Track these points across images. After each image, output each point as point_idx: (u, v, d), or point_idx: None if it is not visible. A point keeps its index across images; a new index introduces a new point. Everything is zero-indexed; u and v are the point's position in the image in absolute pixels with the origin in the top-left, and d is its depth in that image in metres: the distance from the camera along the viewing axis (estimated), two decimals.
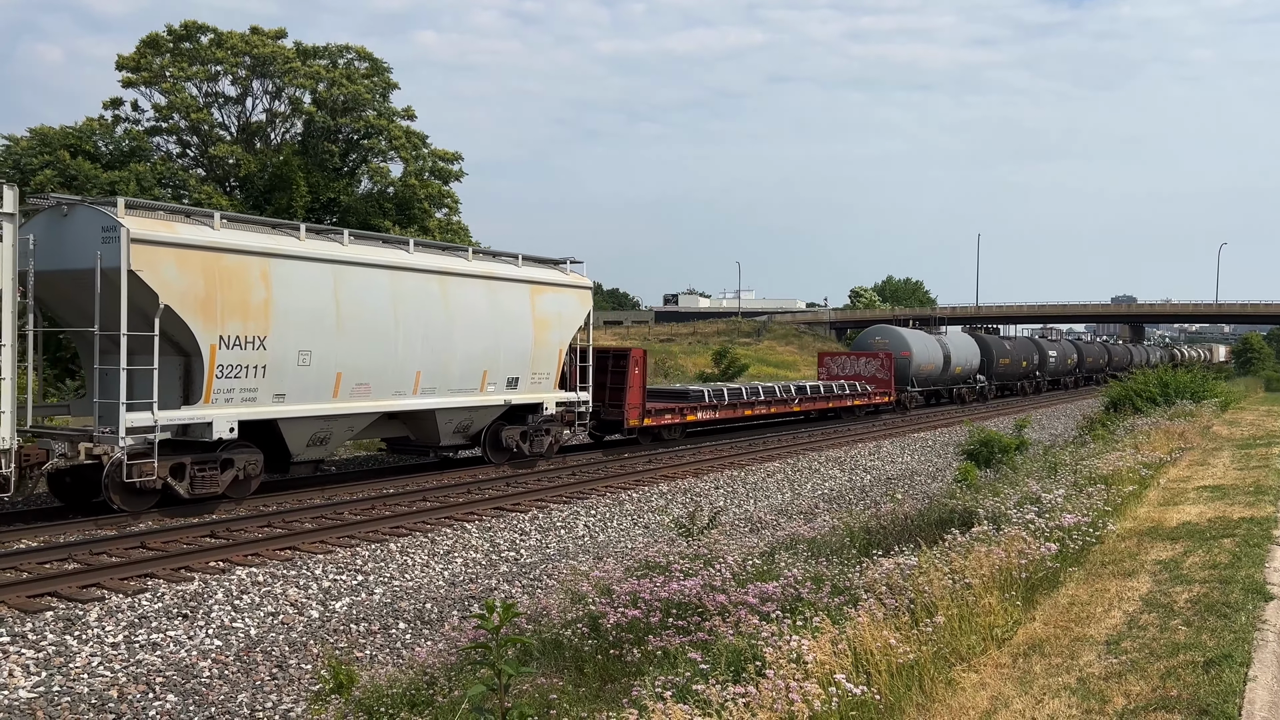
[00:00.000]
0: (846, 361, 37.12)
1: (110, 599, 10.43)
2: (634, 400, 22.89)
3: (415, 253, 17.60)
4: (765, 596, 6.80)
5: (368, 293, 16.41)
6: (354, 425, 16.69)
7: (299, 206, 36.72)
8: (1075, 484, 11.87)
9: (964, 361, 44.55)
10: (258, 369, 14.74)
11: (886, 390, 35.34)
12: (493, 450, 19.70)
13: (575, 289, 21.28)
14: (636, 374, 22.81)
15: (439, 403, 17.99)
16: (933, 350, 41.27)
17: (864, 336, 41.69)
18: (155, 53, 37.72)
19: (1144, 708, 5.42)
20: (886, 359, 35.99)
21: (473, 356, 18.44)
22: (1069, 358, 62.15)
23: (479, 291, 18.74)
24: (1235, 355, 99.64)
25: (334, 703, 7.06)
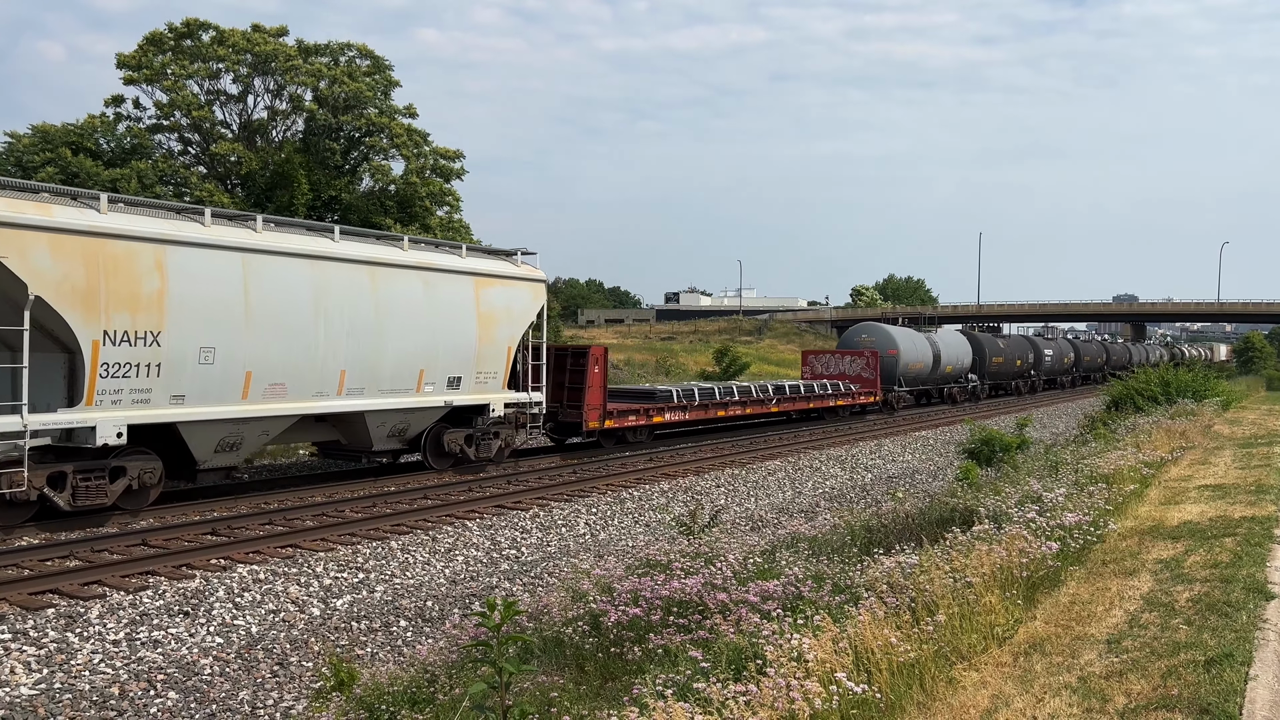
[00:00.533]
0: (831, 360, 36.07)
1: (111, 596, 10.45)
2: (594, 401, 21.77)
3: (341, 241, 16.19)
4: (766, 595, 6.80)
5: (284, 284, 14.99)
6: (269, 429, 15.22)
7: (300, 204, 36.72)
8: (1076, 483, 11.87)
9: (955, 360, 43.48)
10: (151, 367, 13.30)
11: (872, 390, 34.47)
12: (434, 455, 18.54)
13: (527, 282, 19.83)
14: (596, 373, 21.68)
15: (368, 404, 16.54)
16: (921, 348, 40.22)
17: (850, 334, 40.49)
18: (157, 50, 37.72)
19: (1145, 706, 5.42)
20: (872, 357, 35.02)
21: (407, 354, 17.06)
22: (1065, 357, 61.01)
23: (414, 284, 17.31)
24: (1237, 354, 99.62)
25: (335, 700, 7.06)
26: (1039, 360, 55.22)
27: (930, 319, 51.57)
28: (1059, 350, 60.03)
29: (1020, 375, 52.86)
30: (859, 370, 34.80)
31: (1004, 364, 49.56)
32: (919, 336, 41.05)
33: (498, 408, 19.20)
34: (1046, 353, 56.90)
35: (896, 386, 37.73)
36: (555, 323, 55.21)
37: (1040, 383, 56.41)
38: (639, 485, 18.81)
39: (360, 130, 39.72)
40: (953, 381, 44.15)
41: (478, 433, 19.03)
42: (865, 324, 41.28)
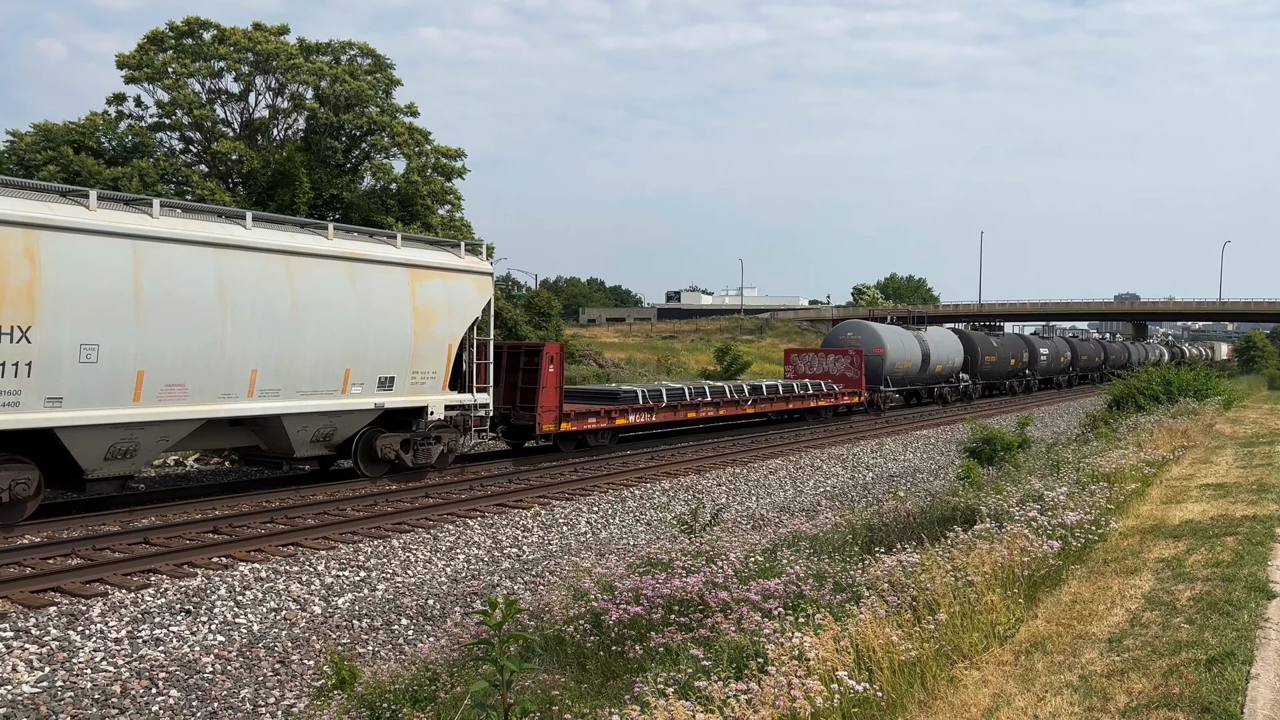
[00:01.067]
0: (814, 359, 34.96)
1: (113, 594, 10.46)
2: (548, 402, 20.40)
3: (254, 229, 14.85)
4: (767, 593, 6.80)
5: (183, 275, 13.62)
6: (168, 434, 13.84)
7: (301, 203, 36.73)
8: (1078, 482, 11.86)
9: (946, 359, 42.29)
10: (19, 367, 11.99)
11: (856, 390, 33.38)
12: (366, 462, 17.10)
13: (472, 274, 18.37)
14: (551, 372, 20.38)
15: (286, 407, 15.13)
16: (910, 347, 38.93)
17: (835, 333, 39.08)
18: (158, 49, 37.72)
19: (1146, 705, 5.42)
20: (856, 356, 33.93)
21: (330, 352, 15.64)
22: (1061, 356, 59.63)
23: (339, 276, 15.88)
24: (1238, 353, 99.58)
25: (336, 699, 7.06)
26: (1034, 359, 54.09)
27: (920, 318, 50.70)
28: (1055, 349, 58.84)
29: (1015, 375, 51.75)
30: (843, 370, 33.78)
31: (997, 363, 48.42)
32: (907, 335, 39.78)
33: (438, 410, 17.75)
34: (1042, 352, 55.68)
35: (883, 386, 36.52)
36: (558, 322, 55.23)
37: (1035, 382, 55.17)
38: (640, 484, 18.81)
39: (361, 129, 39.73)
40: (943, 381, 43.00)
41: (416, 437, 17.58)
42: (851, 322, 40.00)
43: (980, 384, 46.74)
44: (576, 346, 56.85)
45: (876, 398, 36.09)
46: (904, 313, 60.11)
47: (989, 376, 48.06)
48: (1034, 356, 54.01)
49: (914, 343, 39.56)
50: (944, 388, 43.17)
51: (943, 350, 42.15)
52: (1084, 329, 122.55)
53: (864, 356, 34.18)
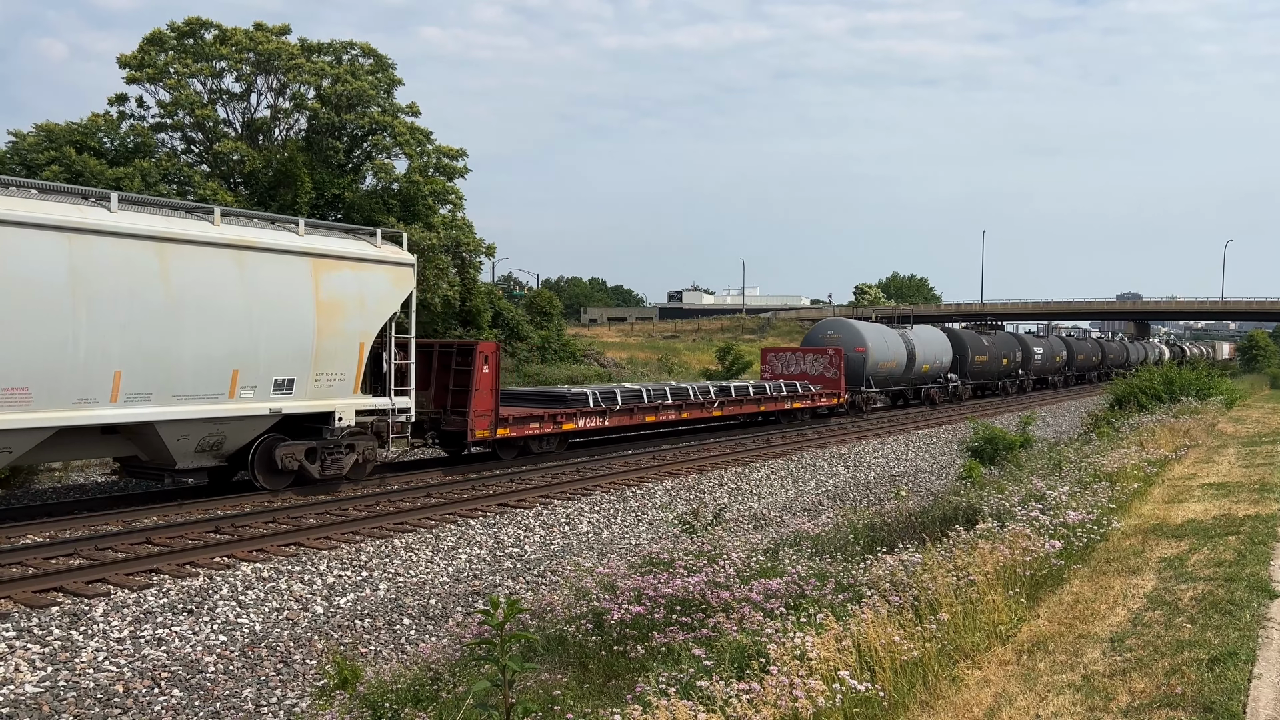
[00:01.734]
0: (792, 359, 33.25)
1: (116, 594, 10.47)
2: (482, 406, 18.65)
3: (121, 212, 13.14)
4: (769, 593, 6.80)
5: (24, 265, 11.98)
6: (11, 445, 12.12)
7: (303, 203, 36.76)
8: (1080, 481, 11.86)
9: (933, 359, 40.47)
10: None
11: (835, 390, 31.78)
12: (265, 473, 15.41)
13: (389, 265, 16.66)
14: (486, 373, 18.72)
15: (160, 413, 13.38)
16: (894, 346, 37.13)
17: (815, 331, 37.09)
18: (159, 49, 37.75)
19: (1148, 705, 5.41)
20: (835, 355, 32.23)
21: (214, 352, 13.98)
22: (1056, 355, 57.83)
23: (225, 265, 14.18)
24: (1241, 352, 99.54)
25: (338, 698, 7.07)
26: (1027, 359, 52.43)
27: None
28: (1050, 348, 57.08)
29: (1007, 375, 50.09)
30: (821, 370, 32.20)
31: (988, 363, 46.75)
32: (891, 333, 37.99)
33: (348, 416, 15.99)
34: (1036, 351, 53.95)
35: (865, 387, 34.88)
36: (559, 322, 55.22)
37: (1030, 382, 53.49)
38: (642, 484, 18.82)
39: (363, 129, 39.77)
40: (930, 382, 41.24)
41: (324, 446, 15.91)
42: (831, 320, 38.18)
43: (970, 384, 45.25)
44: (578, 346, 56.87)
45: (858, 399, 34.60)
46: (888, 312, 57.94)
47: (980, 377, 46.56)
48: (1028, 356, 52.42)
49: (898, 342, 37.94)
50: (931, 388, 41.44)
51: (930, 350, 40.51)
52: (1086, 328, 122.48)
53: (844, 356, 32.59)
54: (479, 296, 43.76)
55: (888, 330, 37.76)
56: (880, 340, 36.18)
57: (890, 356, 36.65)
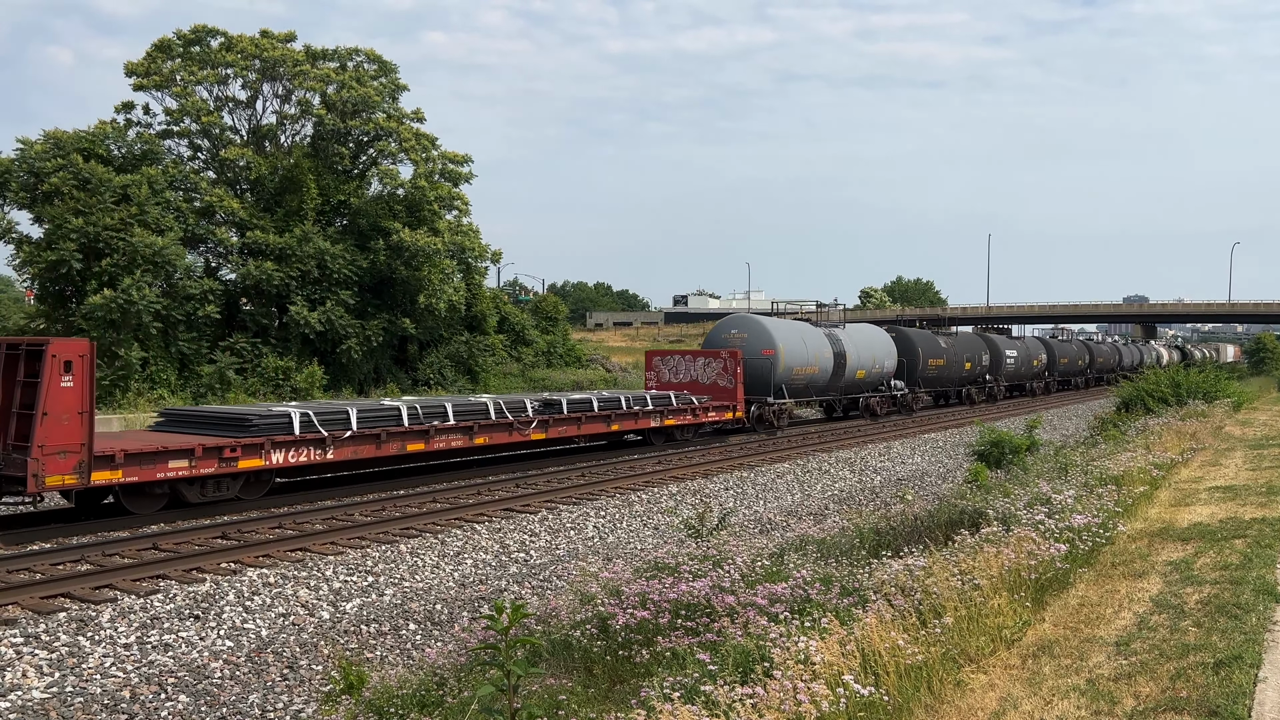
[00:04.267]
0: (681, 363, 27.78)
1: (122, 600, 10.50)
2: (58, 438, 12.61)
3: None
4: (774, 597, 6.81)
5: None
6: None
7: (309, 209, 36.89)
8: (1086, 484, 11.84)
9: (871, 363, 34.62)
10: None
11: (729, 402, 26.29)
12: None
13: None
14: (65, 389, 12.75)
15: None
16: (815, 348, 31.33)
17: (716, 330, 31.19)
18: (166, 57, 37.94)
19: (1153, 709, 5.41)
20: (730, 359, 26.71)
21: None
22: (1034, 358, 51.61)
23: None
24: (1248, 355, 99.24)
25: (344, 703, 7.08)
26: (997, 363, 46.02)
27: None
28: (1025, 351, 50.67)
29: (972, 381, 43.79)
30: (714, 377, 26.81)
31: (946, 368, 40.27)
32: (814, 333, 32.23)
33: None
34: (1008, 354, 47.30)
35: (773, 398, 28.85)
36: (565, 326, 55.13)
37: (1001, 390, 47.12)
38: (648, 488, 18.81)
39: (368, 134, 39.89)
40: (869, 390, 35.29)
41: None
42: (737, 316, 32.28)
43: (924, 393, 39.18)
44: (584, 351, 56.87)
45: (766, 412, 28.85)
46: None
47: (935, 384, 40.33)
48: (997, 359, 46.14)
49: (821, 343, 32.01)
50: (871, 398, 35.32)
51: (866, 352, 34.62)
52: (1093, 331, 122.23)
53: (740, 360, 26.90)
54: (484, 302, 43.84)
55: (808, 330, 32.22)
56: (796, 341, 30.47)
57: (809, 360, 30.88)
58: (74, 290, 31.74)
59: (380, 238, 37.70)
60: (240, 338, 34.35)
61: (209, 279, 34.38)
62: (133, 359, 29.97)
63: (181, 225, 33.84)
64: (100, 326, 29.78)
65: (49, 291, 32.21)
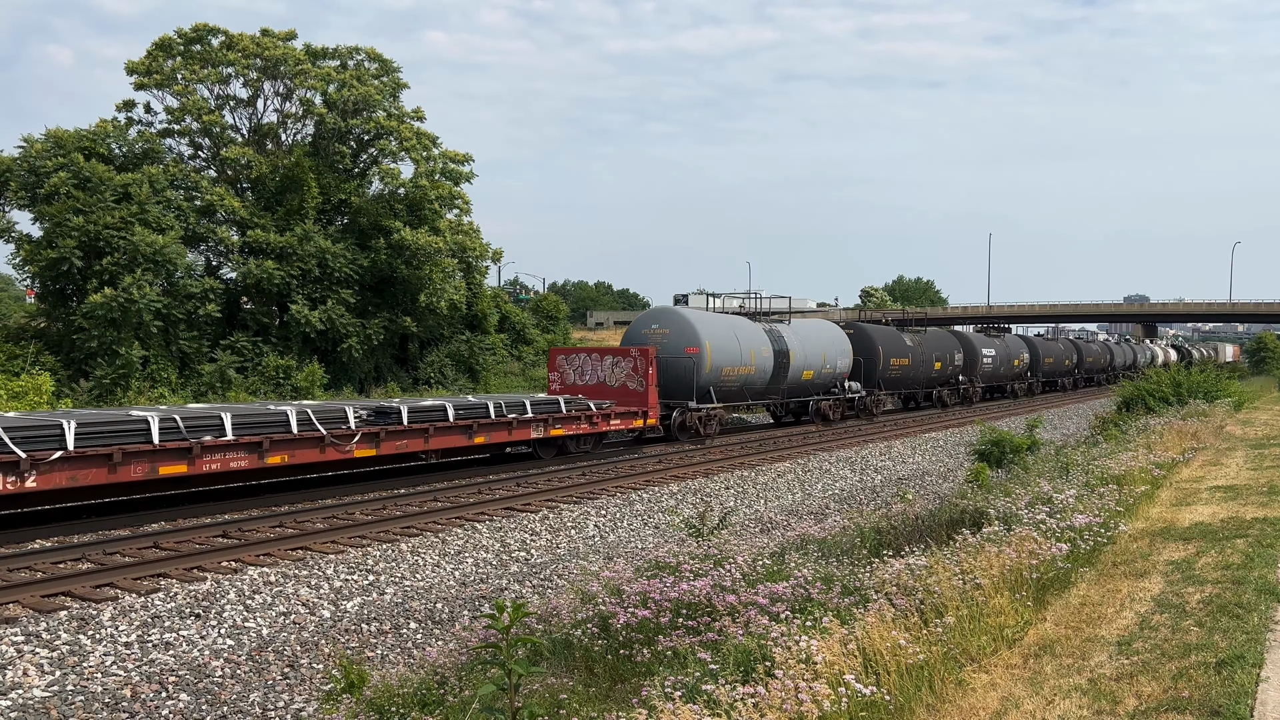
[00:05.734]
0: (587, 364, 24.26)
1: (123, 599, 10.50)
2: None
3: None
4: (775, 597, 6.80)
5: None
6: None
7: (310, 208, 36.89)
8: (1087, 484, 11.83)
9: (820, 363, 31.03)
10: None
11: (639, 407, 22.84)
12: None
13: None
14: None
15: None
16: (751, 346, 27.62)
17: (637, 325, 27.23)
18: (166, 56, 37.93)
19: (1155, 708, 5.40)
20: (641, 359, 23.23)
21: None
22: (1015, 358, 48.31)
23: None
24: (1249, 354, 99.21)
25: (345, 702, 7.08)
26: (972, 363, 42.56)
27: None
28: (1006, 350, 47.05)
29: (944, 383, 40.56)
30: (623, 378, 23.36)
31: (911, 367, 36.50)
32: (749, 329, 28.53)
33: None
34: (985, 353, 43.88)
35: (696, 402, 25.38)
36: (565, 325, 55.17)
37: (977, 391, 43.73)
38: (648, 487, 18.81)
39: (369, 133, 39.89)
40: (820, 393, 31.96)
41: None
42: (659, 309, 28.53)
43: (886, 395, 35.87)
44: None
45: (690, 418, 25.42)
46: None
47: (900, 385, 36.93)
48: (972, 359, 42.59)
49: (759, 340, 28.31)
50: (823, 401, 31.95)
51: (815, 350, 30.93)
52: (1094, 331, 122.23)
53: (653, 359, 23.51)
54: (485, 301, 43.84)
55: (745, 325, 28.78)
56: (727, 337, 26.87)
57: (743, 360, 27.23)
58: (75, 289, 31.75)
59: (381, 237, 37.72)
60: (241, 337, 34.36)
61: (210, 278, 34.38)
62: (133, 358, 29.98)
63: (182, 224, 33.85)
64: (101, 325, 29.79)
65: (49, 290, 32.21)
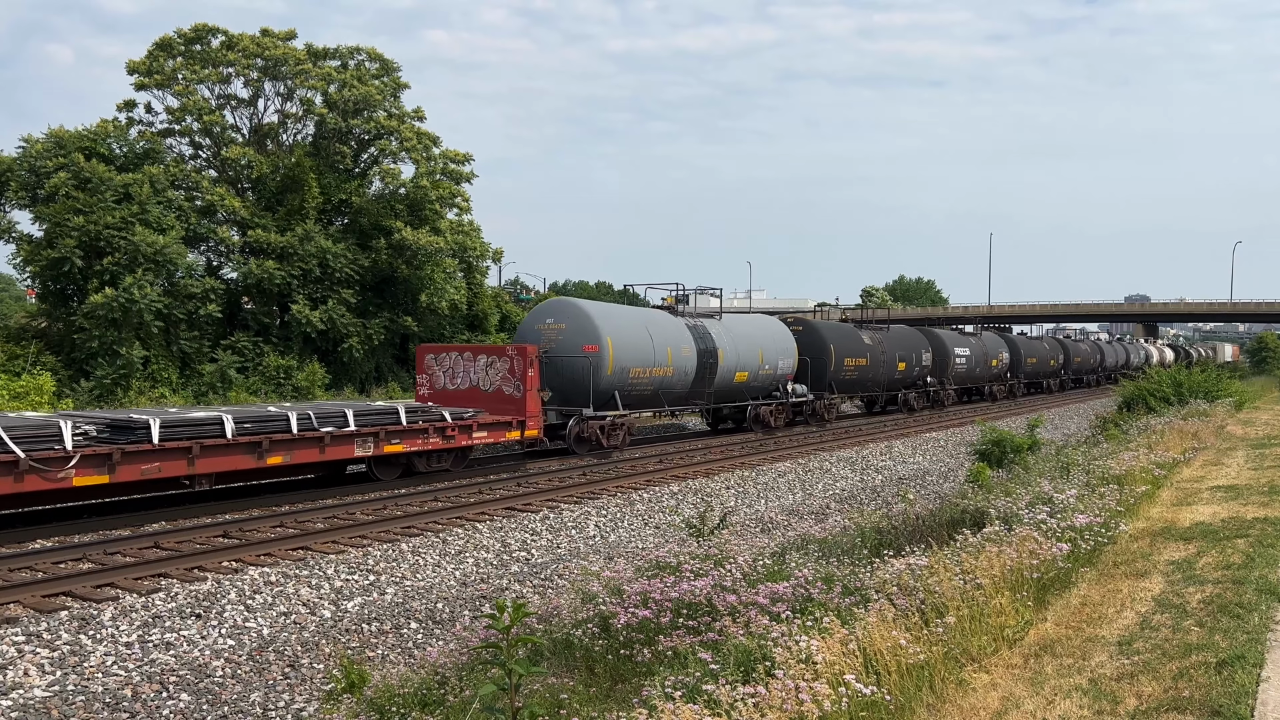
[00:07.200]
0: (459, 364, 20.60)
1: (124, 599, 10.50)
2: None
3: None
4: (776, 597, 6.80)
5: None
6: None
7: (310, 208, 36.89)
8: (1088, 484, 11.83)
9: (756, 364, 27.57)
10: None
11: (514, 416, 19.31)
12: None
13: None
14: None
15: None
16: (668, 343, 23.83)
17: (529, 320, 23.71)
18: (167, 55, 37.94)
19: (1156, 708, 5.40)
20: (518, 360, 19.67)
21: None
22: (993, 358, 44.35)
23: None
24: (1250, 354, 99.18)
25: (346, 702, 7.08)
26: (943, 363, 38.84)
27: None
28: (982, 350, 43.05)
29: (910, 384, 37.25)
30: (497, 382, 19.88)
31: (870, 368, 33.06)
32: (668, 324, 24.74)
33: None
34: (958, 352, 40.01)
35: (594, 409, 21.83)
36: None
37: (950, 393, 39.96)
38: (649, 487, 18.80)
39: (370, 133, 39.89)
40: (759, 396, 28.52)
41: None
42: (556, 302, 24.79)
43: (839, 398, 32.57)
44: None
45: (588, 428, 21.81)
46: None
47: (855, 388, 33.58)
48: (943, 359, 38.78)
49: (679, 337, 24.74)
50: (763, 407, 28.47)
51: (750, 349, 27.39)
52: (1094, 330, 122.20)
53: (532, 360, 19.89)
54: (486, 300, 43.84)
55: (662, 320, 24.96)
56: (637, 334, 23.23)
57: (657, 359, 23.48)
58: (75, 289, 31.76)
59: (382, 237, 37.72)
60: (242, 337, 34.37)
61: (210, 278, 34.38)
62: (134, 358, 29.99)
63: (183, 224, 33.85)
64: (101, 325, 29.79)
65: (50, 290, 32.22)
